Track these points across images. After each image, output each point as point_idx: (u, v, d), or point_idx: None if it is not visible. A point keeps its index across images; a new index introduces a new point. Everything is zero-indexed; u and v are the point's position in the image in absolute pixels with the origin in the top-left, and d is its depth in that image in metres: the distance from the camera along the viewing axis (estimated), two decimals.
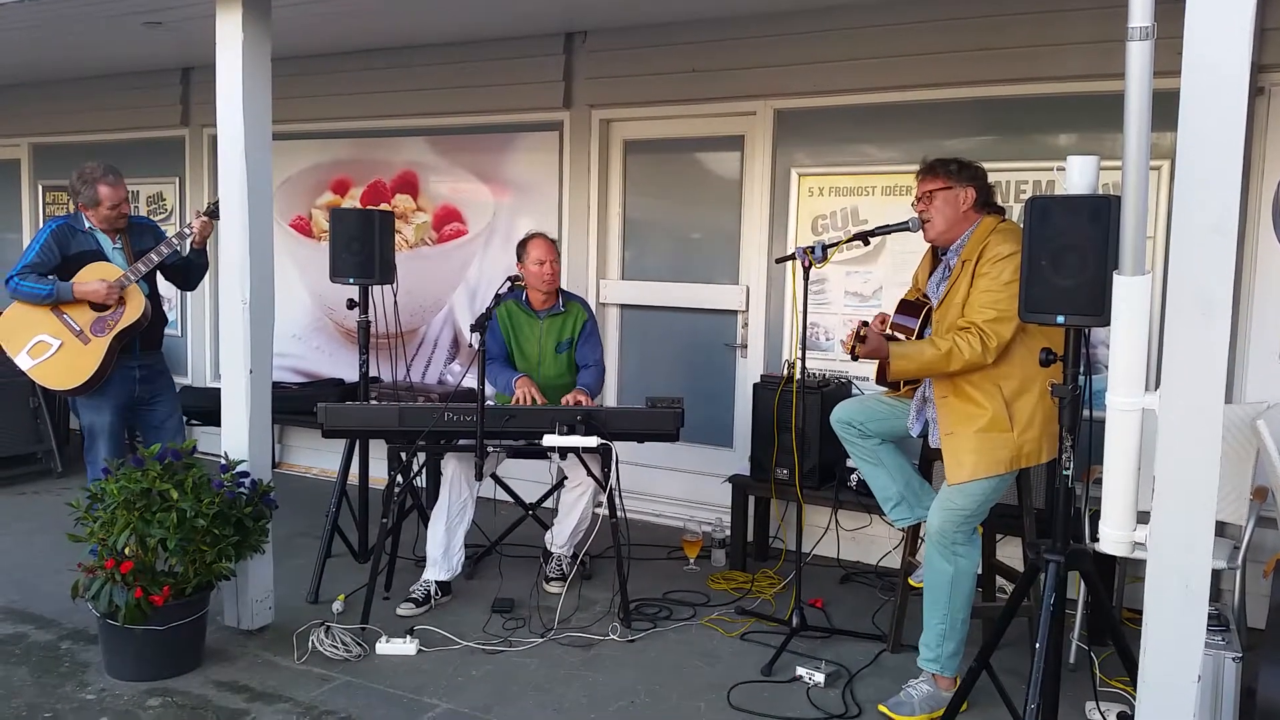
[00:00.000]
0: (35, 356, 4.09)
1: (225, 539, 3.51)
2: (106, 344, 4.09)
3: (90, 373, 4.09)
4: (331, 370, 6.48)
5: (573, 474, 4.34)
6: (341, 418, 4.09)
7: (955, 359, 3.17)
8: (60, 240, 4.17)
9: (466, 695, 3.46)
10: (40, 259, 4.12)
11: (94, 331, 4.09)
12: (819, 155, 4.98)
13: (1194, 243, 2.29)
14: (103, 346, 4.09)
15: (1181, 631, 2.40)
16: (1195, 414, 2.33)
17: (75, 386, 4.12)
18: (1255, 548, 3.61)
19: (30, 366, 4.10)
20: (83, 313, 4.12)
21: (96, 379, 4.11)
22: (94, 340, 4.09)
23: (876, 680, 3.60)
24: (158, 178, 7.05)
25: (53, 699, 3.39)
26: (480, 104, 5.73)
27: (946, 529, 3.27)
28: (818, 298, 4.89)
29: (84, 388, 4.13)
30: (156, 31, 5.36)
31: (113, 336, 4.10)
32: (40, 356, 4.09)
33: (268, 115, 3.88)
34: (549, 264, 4.40)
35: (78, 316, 4.11)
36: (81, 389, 4.13)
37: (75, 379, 4.10)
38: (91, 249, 4.21)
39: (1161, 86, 2.28)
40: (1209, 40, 2.23)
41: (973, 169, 3.37)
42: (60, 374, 4.10)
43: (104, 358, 4.09)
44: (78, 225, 4.23)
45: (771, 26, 4.89)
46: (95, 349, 4.09)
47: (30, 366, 4.10)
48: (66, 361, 4.10)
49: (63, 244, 4.17)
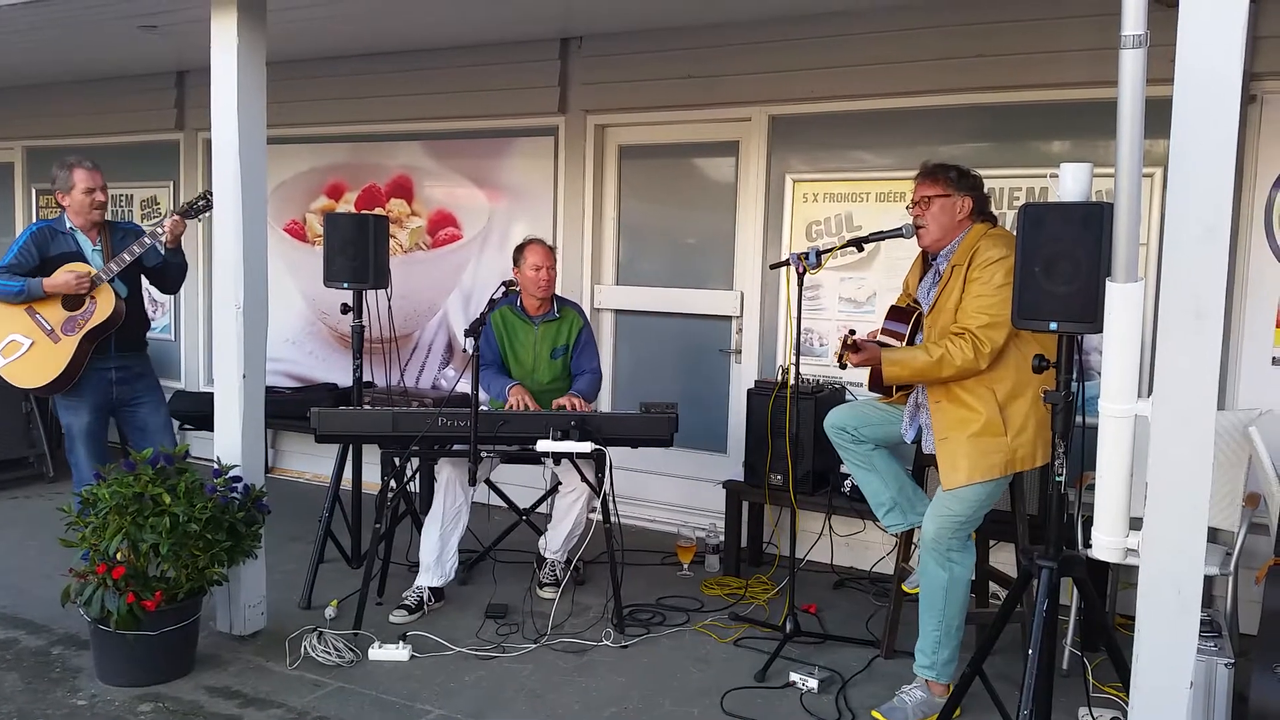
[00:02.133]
0: (7, 355, 4.15)
1: (218, 544, 3.50)
2: (75, 343, 4.13)
3: (58, 371, 4.13)
4: (325, 375, 6.46)
5: (567, 479, 4.34)
6: (335, 423, 4.08)
7: (947, 365, 3.18)
8: (39, 242, 4.20)
9: (459, 701, 3.45)
10: (17, 260, 4.17)
11: (64, 330, 4.13)
12: (814, 161, 4.99)
13: (1186, 249, 2.29)
14: (72, 345, 4.13)
15: (1174, 637, 2.40)
16: (1187, 420, 2.33)
17: (43, 385, 4.17)
18: (1247, 554, 3.62)
19: (2, 365, 4.17)
20: (55, 312, 4.15)
21: (66, 378, 4.15)
22: (64, 339, 4.13)
23: (870, 686, 3.60)
24: (152, 181, 7.03)
25: (44, 705, 3.38)
26: (475, 109, 5.73)
27: (942, 535, 3.28)
28: (812, 303, 4.90)
29: (52, 386, 4.17)
30: (151, 35, 5.35)
31: (82, 336, 4.14)
32: (11, 356, 4.15)
33: (262, 119, 3.88)
34: (545, 270, 4.41)
35: (50, 316, 4.15)
36: (49, 388, 4.18)
37: (44, 377, 4.14)
38: (71, 250, 4.23)
39: (1155, 94, 2.29)
40: (1202, 48, 2.24)
41: (971, 178, 3.38)
42: (30, 373, 4.16)
43: (73, 356, 4.12)
44: (59, 227, 4.27)
45: (766, 33, 4.90)
46: (64, 348, 4.13)
47: (2, 365, 4.17)
48: (37, 360, 4.15)
49: (42, 245, 4.20)
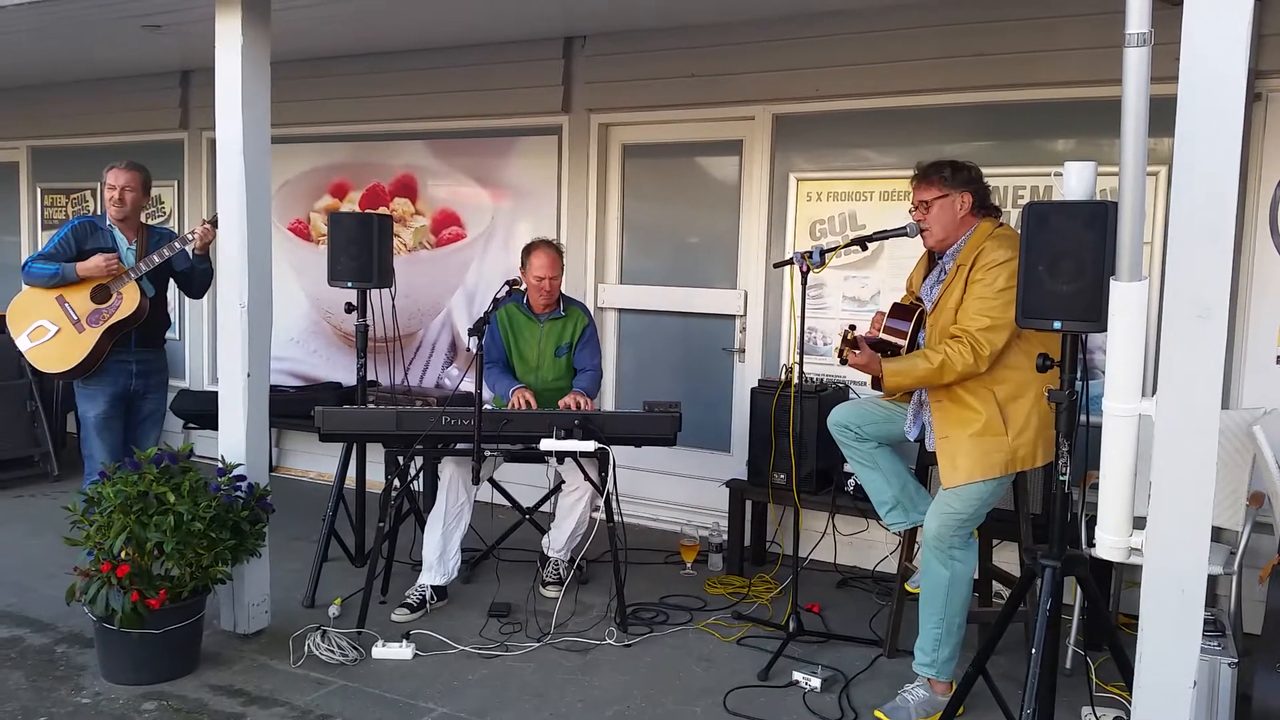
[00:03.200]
0: (34, 340, 4.30)
1: (222, 543, 3.50)
2: (98, 334, 4.25)
3: (80, 359, 4.25)
4: (329, 374, 6.47)
5: (570, 478, 4.34)
6: (339, 421, 4.09)
7: (948, 371, 3.18)
8: (79, 235, 4.37)
9: (462, 700, 3.46)
10: (57, 249, 4.34)
11: (89, 322, 4.27)
12: (817, 160, 4.99)
13: (1191, 248, 2.29)
14: (94, 336, 4.25)
15: (1177, 637, 2.40)
16: (1191, 419, 2.33)
17: (65, 371, 4.31)
18: (1251, 553, 3.61)
19: (29, 348, 4.32)
20: (83, 303, 4.29)
21: (86, 366, 4.28)
22: (88, 330, 4.26)
23: (873, 685, 3.59)
24: (156, 180, 6.87)
25: (48, 703, 3.39)
26: (479, 108, 5.73)
27: (943, 533, 3.28)
28: (815, 302, 4.89)
29: (73, 372, 4.31)
30: (156, 34, 5.36)
31: (105, 328, 4.26)
32: (38, 340, 4.29)
33: (266, 118, 3.88)
34: (549, 280, 4.39)
35: (78, 306, 4.28)
36: (70, 374, 4.32)
37: (65, 364, 4.28)
38: (107, 246, 4.35)
39: (1159, 92, 2.29)
40: (1206, 46, 2.23)
41: (966, 171, 3.36)
42: (53, 358, 4.30)
43: (94, 347, 4.25)
44: (99, 223, 4.42)
45: (770, 32, 4.90)
46: (88, 338, 4.25)
47: (29, 348, 4.32)
48: (60, 347, 4.28)
49: (80, 238, 4.36)
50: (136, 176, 4.42)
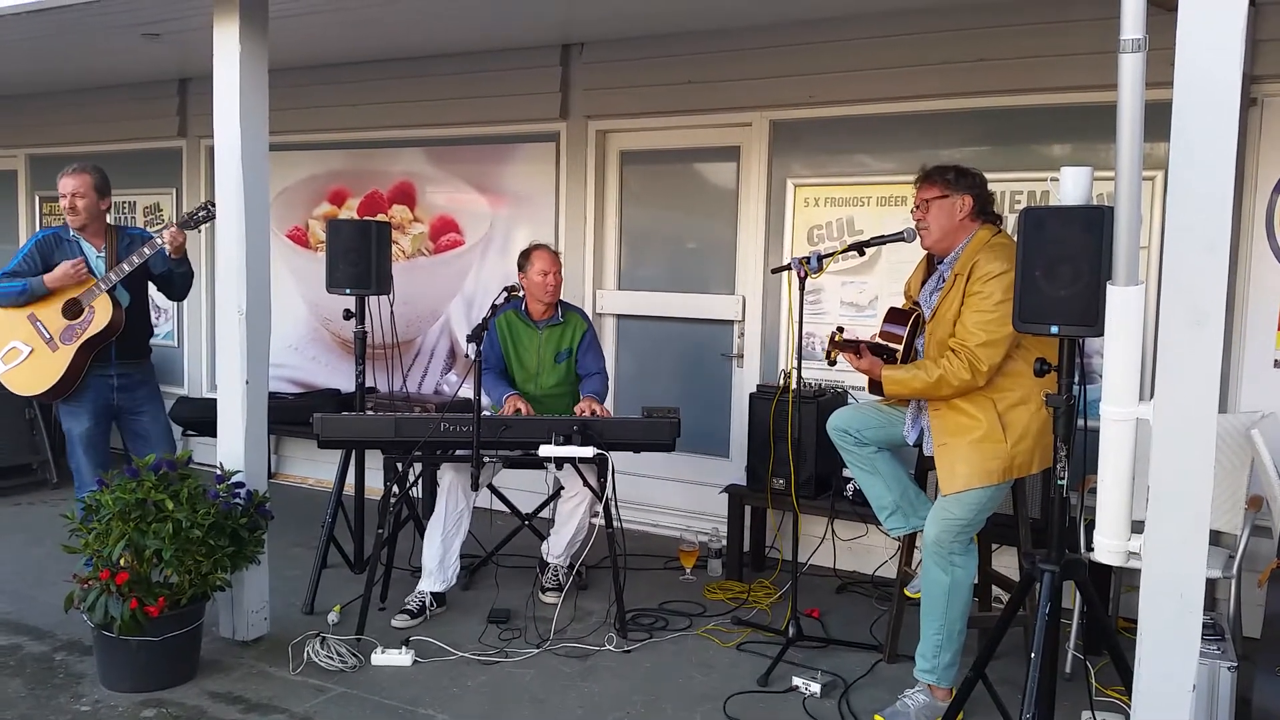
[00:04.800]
0: (7, 362, 4.20)
1: (221, 550, 3.50)
2: (73, 351, 4.15)
3: (56, 379, 4.16)
4: (328, 381, 6.47)
5: (569, 484, 4.34)
6: (337, 428, 4.09)
7: (945, 386, 3.20)
8: (43, 249, 4.25)
9: (462, 706, 3.45)
10: (21, 266, 4.23)
11: (63, 339, 4.17)
12: (815, 166, 4.99)
13: (1187, 252, 2.29)
14: (69, 354, 4.15)
15: (1176, 641, 2.40)
16: (1189, 423, 2.33)
17: (41, 392, 4.21)
18: (1250, 557, 3.61)
19: (2, 372, 4.22)
20: (55, 320, 4.18)
21: (63, 386, 4.18)
22: (62, 348, 4.16)
23: (872, 690, 3.59)
24: (155, 189, 7.05)
25: (47, 710, 3.38)
26: (477, 115, 5.74)
27: (943, 539, 3.28)
28: (813, 308, 4.90)
29: (50, 393, 4.21)
30: (154, 43, 5.37)
31: (80, 344, 4.16)
32: (11, 363, 4.20)
33: (264, 126, 3.88)
34: (552, 275, 4.41)
35: (50, 324, 4.18)
36: (48, 395, 4.22)
37: (41, 385, 4.18)
38: (74, 258, 4.23)
39: (1155, 98, 2.30)
40: (1201, 51, 2.24)
41: (970, 177, 3.37)
42: (29, 380, 4.20)
43: (70, 365, 4.15)
44: (64, 235, 4.30)
45: (767, 38, 4.91)
46: (62, 356, 4.16)
47: (2, 372, 4.22)
48: (35, 368, 4.18)
49: (45, 253, 4.25)
50: (86, 179, 4.23)
